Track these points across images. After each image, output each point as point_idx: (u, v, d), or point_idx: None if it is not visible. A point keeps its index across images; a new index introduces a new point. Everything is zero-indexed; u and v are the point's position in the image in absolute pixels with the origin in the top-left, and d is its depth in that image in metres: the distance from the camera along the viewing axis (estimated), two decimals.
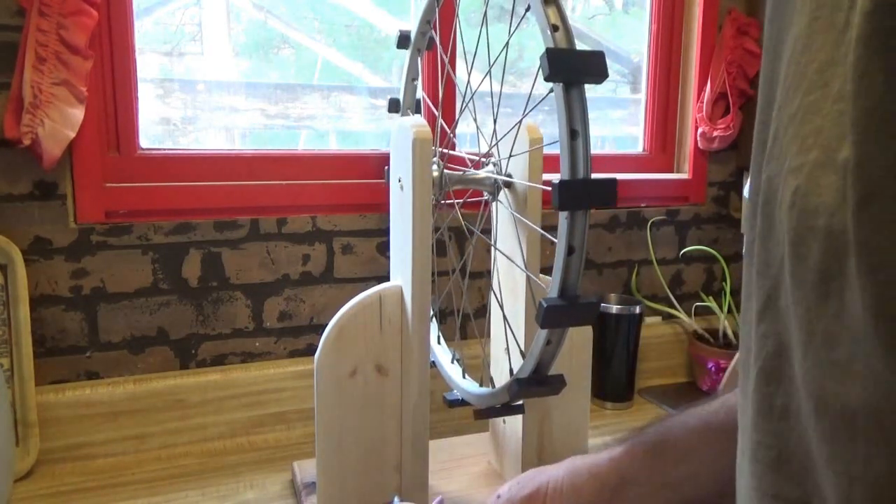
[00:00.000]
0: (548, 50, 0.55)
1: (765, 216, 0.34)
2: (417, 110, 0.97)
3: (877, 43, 0.26)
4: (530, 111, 0.69)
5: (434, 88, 1.09)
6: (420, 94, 0.95)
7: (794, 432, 0.33)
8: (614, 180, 0.57)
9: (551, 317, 0.59)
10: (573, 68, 0.56)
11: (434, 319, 0.92)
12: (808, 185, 0.29)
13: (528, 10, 0.59)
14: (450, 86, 1.06)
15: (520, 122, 0.75)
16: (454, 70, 1.09)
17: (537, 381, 0.65)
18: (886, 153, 0.25)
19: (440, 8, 0.86)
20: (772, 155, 0.33)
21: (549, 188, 0.57)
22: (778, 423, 0.34)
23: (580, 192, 0.56)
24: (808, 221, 0.29)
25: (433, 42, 0.91)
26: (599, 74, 0.56)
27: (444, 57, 0.88)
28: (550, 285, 0.60)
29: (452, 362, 0.86)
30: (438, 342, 0.91)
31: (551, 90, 0.58)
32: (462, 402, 0.81)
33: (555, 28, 0.57)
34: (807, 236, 0.29)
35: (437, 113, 0.93)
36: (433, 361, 0.88)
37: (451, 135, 0.86)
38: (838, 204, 0.28)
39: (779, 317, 0.33)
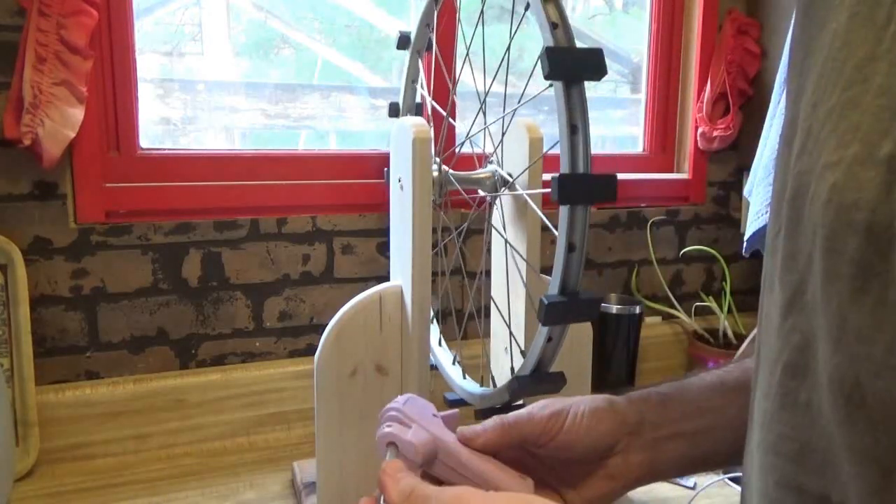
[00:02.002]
0: (546, 48, 0.55)
1: (792, 211, 0.34)
2: (418, 113, 0.97)
3: None
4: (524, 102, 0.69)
5: (434, 89, 1.09)
6: (422, 93, 0.95)
7: (818, 426, 0.33)
8: (614, 175, 0.58)
9: (553, 314, 0.58)
10: (572, 66, 0.56)
11: (434, 321, 0.92)
12: (847, 180, 0.29)
13: (527, 8, 0.59)
14: (447, 92, 1.06)
15: (514, 111, 0.75)
16: (449, 71, 1.09)
17: (538, 379, 0.64)
18: None
19: (439, 9, 0.86)
20: (804, 150, 0.33)
21: (549, 189, 0.57)
22: (803, 417, 0.34)
23: (580, 187, 0.56)
24: (846, 216, 0.29)
25: (432, 43, 0.91)
26: (598, 71, 0.57)
27: (440, 59, 0.88)
28: (551, 282, 0.60)
29: (454, 364, 0.86)
30: (440, 344, 0.91)
31: (550, 85, 0.58)
32: (463, 403, 0.81)
33: (554, 26, 0.57)
34: (844, 231, 0.29)
35: (440, 110, 0.93)
36: (433, 364, 0.88)
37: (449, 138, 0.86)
38: (881, 199, 0.28)
39: (805, 311, 0.34)
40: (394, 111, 0.97)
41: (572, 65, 0.56)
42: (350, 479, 0.77)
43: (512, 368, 0.74)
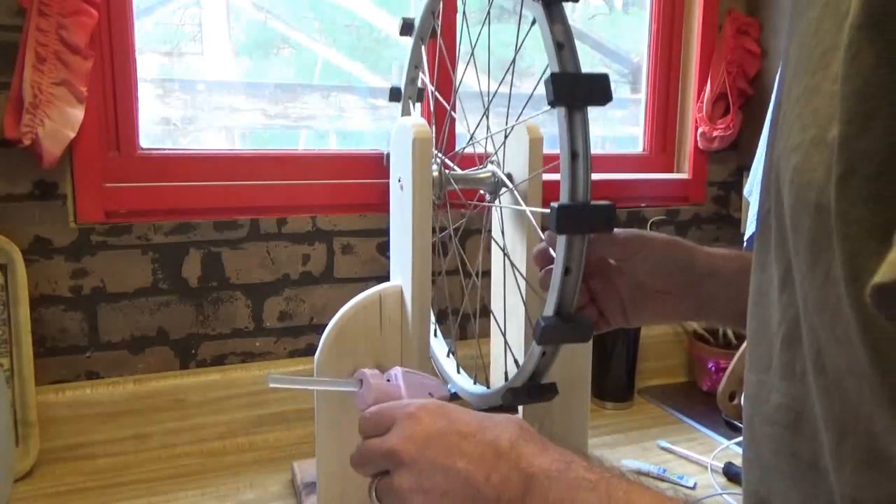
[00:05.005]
0: (552, 75, 0.55)
1: (776, 192, 0.36)
2: (419, 99, 0.96)
3: (868, 27, 0.28)
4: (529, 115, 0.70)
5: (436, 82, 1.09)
6: (423, 77, 0.95)
7: (810, 394, 0.35)
8: (613, 206, 0.58)
9: (548, 335, 0.59)
10: (577, 93, 0.56)
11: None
12: (805, 162, 0.31)
13: (533, 23, 0.59)
14: (449, 85, 1.06)
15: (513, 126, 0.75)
16: (453, 63, 1.09)
17: (530, 391, 0.66)
18: (868, 133, 0.28)
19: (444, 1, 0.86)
20: (779, 133, 0.36)
21: (549, 211, 0.57)
22: (799, 387, 0.36)
23: (579, 218, 0.57)
24: (803, 196, 0.31)
25: (436, 31, 0.91)
26: (603, 98, 0.57)
27: (444, 50, 0.88)
28: (546, 303, 0.60)
29: (448, 356, 0.86)
30: (435, 335, 0.91)
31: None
32: (455, 397, 0.81)
33: (560, 46, 0.56)
34: (801, 210, 0.32)
35: (444, 105, 0.93)
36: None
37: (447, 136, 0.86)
38: (827, 180, 0.30)
39: (794, 286, 0.36)
40: (395, 95, 0.96)
41: (577, 91, 0.56)
42: (350, 479, 0.77)
43: (506, 374, 0.75)
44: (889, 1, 0.27)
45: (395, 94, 0.96)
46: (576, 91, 0.56)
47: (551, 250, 0.65)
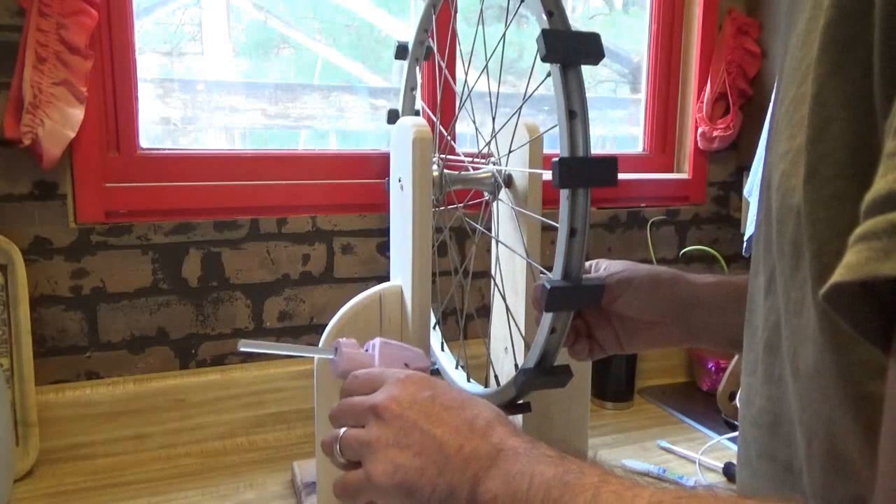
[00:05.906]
0: (543, 31, 0.55)
1: (766, 199, 0.37)
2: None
3: (826, 34, 0.29)
4: (527, 99, 0.69)
5: (433, 93, 1.09)
6: (419, 104, 0.95)
7: (785, 398, 0.36)
8: (614, 159, 0.57)
9: (555, 299, 0.58)
10: (569, 49, 0.55)
11: (437, 327, 0.91)
12: (790, 168, 0.32)
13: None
14: (449, 94, 1.06)
15: (518, 110, 0.75)
16: (453, 75, 1.09)
17: (543, 372, 0.64)
18: (827, 136, 0.29)
19: (437, 15, 0.86)
20: (771, 142, 0.37)
21: (550, 170, 0.56)
22: (776, 390, 0.37)
23: (580, 171, 0.56)
24: (787, 202, 0.33)
25: (431, 51, 0.91)
26: (596, 55, 0.56)
27: (442, 63, 0.87)
28: (553, 268, 0.59)
29: (457, 368, 0.86)
30: (442, 349, 0.90)
31: (548, 74, 0.57)
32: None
33: (550, 13, 0.56)
34: (786, 215, 0.33)
35: (435, 119, 0.93)
36: (437, 369, 0.88)
37: (450, 139, 0.86)
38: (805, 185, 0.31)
39: (777, 292, 0.37)
40: (401, 53, 0.95)
41: (569, 47, 0.55)
42: None
43: (516, 365, 0.74)
44: (840, 8, 0.28)
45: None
46: (568, 46, 0.55)
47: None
